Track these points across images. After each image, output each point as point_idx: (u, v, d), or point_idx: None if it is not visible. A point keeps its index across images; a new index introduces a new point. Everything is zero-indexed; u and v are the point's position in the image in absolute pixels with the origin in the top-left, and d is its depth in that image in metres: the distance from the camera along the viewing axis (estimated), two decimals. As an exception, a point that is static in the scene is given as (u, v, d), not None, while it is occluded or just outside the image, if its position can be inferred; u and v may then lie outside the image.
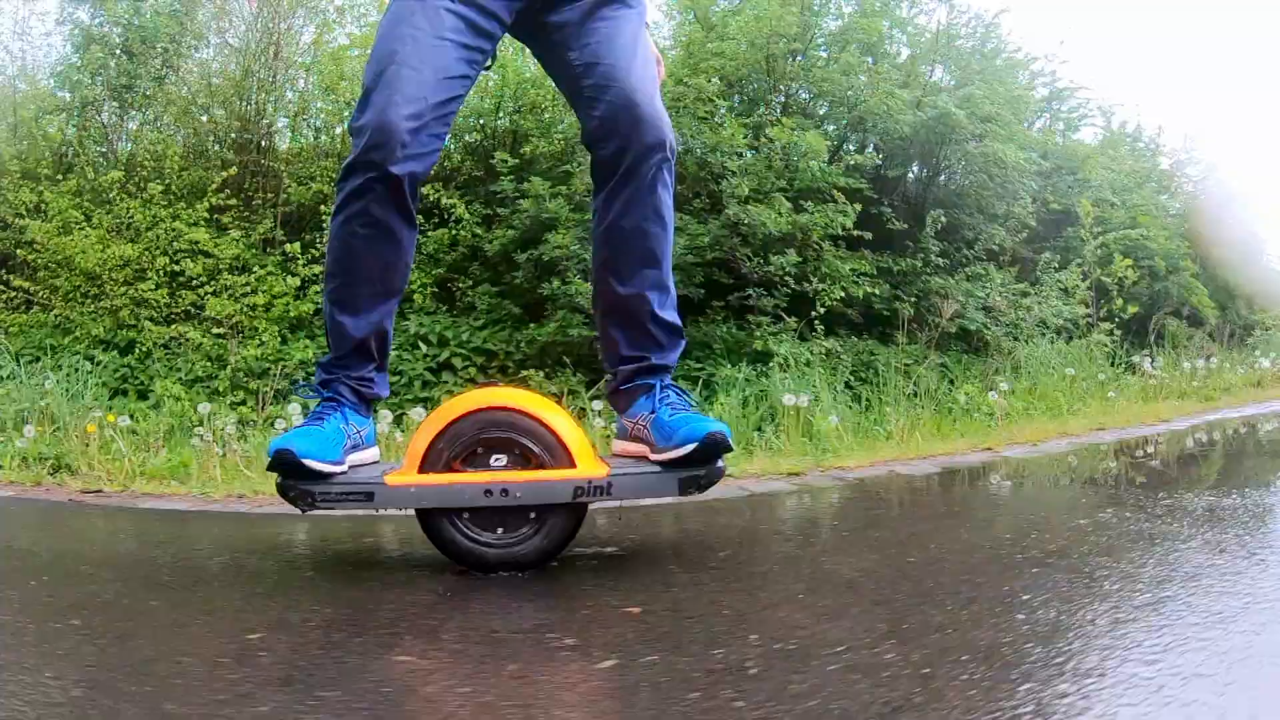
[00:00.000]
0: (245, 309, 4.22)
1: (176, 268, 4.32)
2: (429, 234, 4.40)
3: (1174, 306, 5.64)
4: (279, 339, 4.16)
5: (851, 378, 4.16)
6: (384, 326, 1.52)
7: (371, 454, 1.56)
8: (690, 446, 1.39)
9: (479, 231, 4.32)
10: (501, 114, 4.64)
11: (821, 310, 4.22)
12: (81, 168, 4.54)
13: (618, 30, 1.49)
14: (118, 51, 4.65)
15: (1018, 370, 4.53)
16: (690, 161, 4.06)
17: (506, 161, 4.18)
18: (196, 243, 4.31)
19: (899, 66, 4.83)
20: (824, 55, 4.97)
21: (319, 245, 4.39)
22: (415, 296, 4.31)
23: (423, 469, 1.41)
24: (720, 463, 1.44)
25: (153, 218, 4.34)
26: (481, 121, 4.69)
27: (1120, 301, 4.99)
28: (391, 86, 1.36)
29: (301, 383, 3.01)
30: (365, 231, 1.42)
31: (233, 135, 4.67)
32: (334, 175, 4.61)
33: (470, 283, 4.29)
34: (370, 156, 1.36)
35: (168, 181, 4.48)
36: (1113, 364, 4.56)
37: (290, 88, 4.95)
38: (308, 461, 1.34)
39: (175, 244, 4.32)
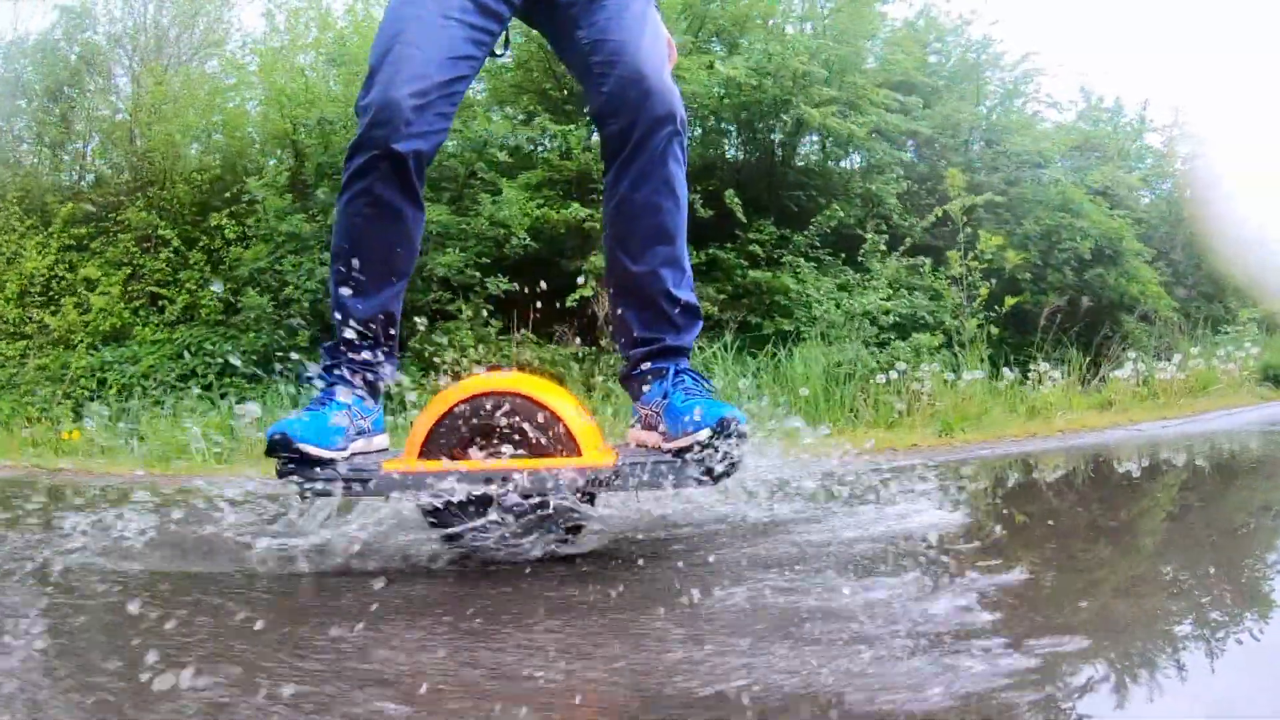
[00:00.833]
0: (72, 324, 4.71)
1: (34, 288, 4.96)
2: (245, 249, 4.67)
3: (1111, 297, 4.41)
4: (87, 348, 4.59)
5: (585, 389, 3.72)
6: (390, 309, 1.48)
7: (380, 441, 1.51)
8: (703, 433, 1.31)
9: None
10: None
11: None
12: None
13: (625, 7, 1.49)
14: (33, 99, 5.53)
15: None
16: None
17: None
18: (50, 269, 4.91)
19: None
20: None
21: (138, 264, 4.80)
22: (201, 310, 4.57)
23: (422, 456, 1.36)
24: (735, 451, 1.35)
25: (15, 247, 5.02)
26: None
27: (985, 291, 3.99)
28: (396, 65, 1.36)
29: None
30: (370, 211, 1.40)
31: (87, 173, 5.29)
32: (167, 202, 5.05)
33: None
34: (374, 134, 1.35)
35: (43, 215, 5.18)
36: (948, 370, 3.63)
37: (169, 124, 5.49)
38: (304, 446, 1.31)
39: (25, 270, 4.94)
